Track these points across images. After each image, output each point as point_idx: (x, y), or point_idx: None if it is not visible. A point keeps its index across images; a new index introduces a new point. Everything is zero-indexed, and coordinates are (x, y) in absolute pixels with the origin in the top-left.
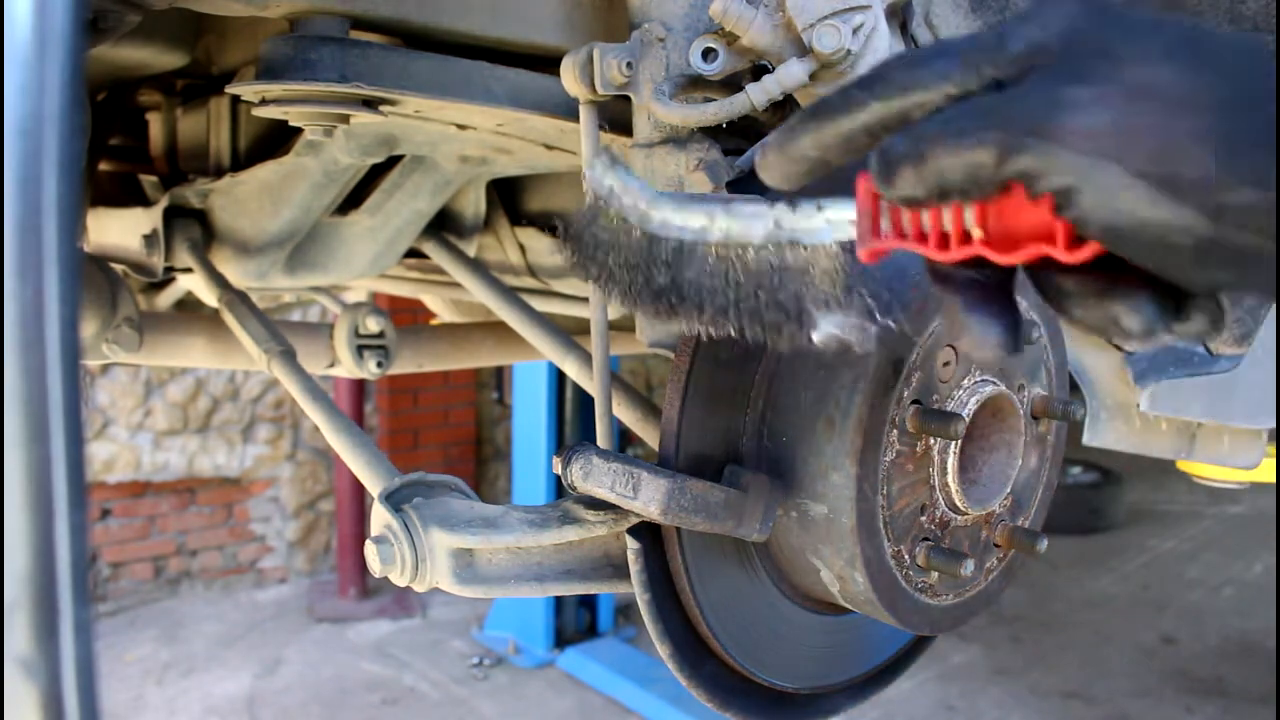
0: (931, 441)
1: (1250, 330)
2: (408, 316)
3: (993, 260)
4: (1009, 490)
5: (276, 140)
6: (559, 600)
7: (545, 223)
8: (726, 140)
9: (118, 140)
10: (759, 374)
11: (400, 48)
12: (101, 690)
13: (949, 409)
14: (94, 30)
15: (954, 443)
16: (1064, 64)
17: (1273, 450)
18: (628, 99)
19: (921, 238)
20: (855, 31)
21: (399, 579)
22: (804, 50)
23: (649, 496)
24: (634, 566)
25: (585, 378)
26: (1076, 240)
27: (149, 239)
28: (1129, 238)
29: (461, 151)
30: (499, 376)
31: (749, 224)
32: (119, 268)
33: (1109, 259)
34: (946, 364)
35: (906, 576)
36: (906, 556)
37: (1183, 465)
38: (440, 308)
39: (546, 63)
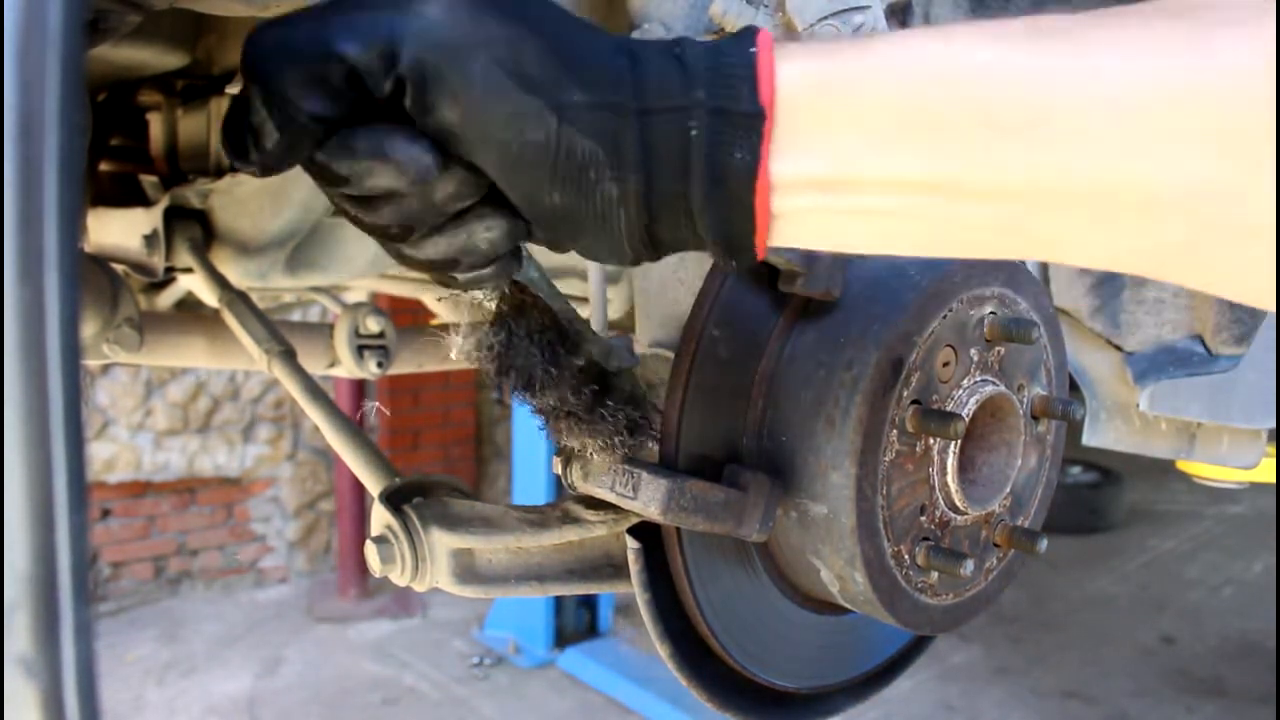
0: (931, 441)
1: (1249, 330)
2: (408, 316)
3: None
4: (1009, 490)
5: None
6: (559, 600)
7: None
8: None
9: (118, 140)
10: (759, 374)
11: None
12: (102, 690)
13: (949, 409)
14: (94, 31)
15: (954, 443)
16: None
17: (1272, 450)
18: None
19: None
20: (855, 31)
21: (399, 579)
22: None
23: (649, 496)
24: (634, 566)
25: None
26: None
27: (149, 239)
28: (491, 129)
29: None
30: None
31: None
32: (119, 268)
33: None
34: (946, 364)
35: (906, 576)
36: (906, 556)
37: (1183, 465)
38: (440, 308)
39: None
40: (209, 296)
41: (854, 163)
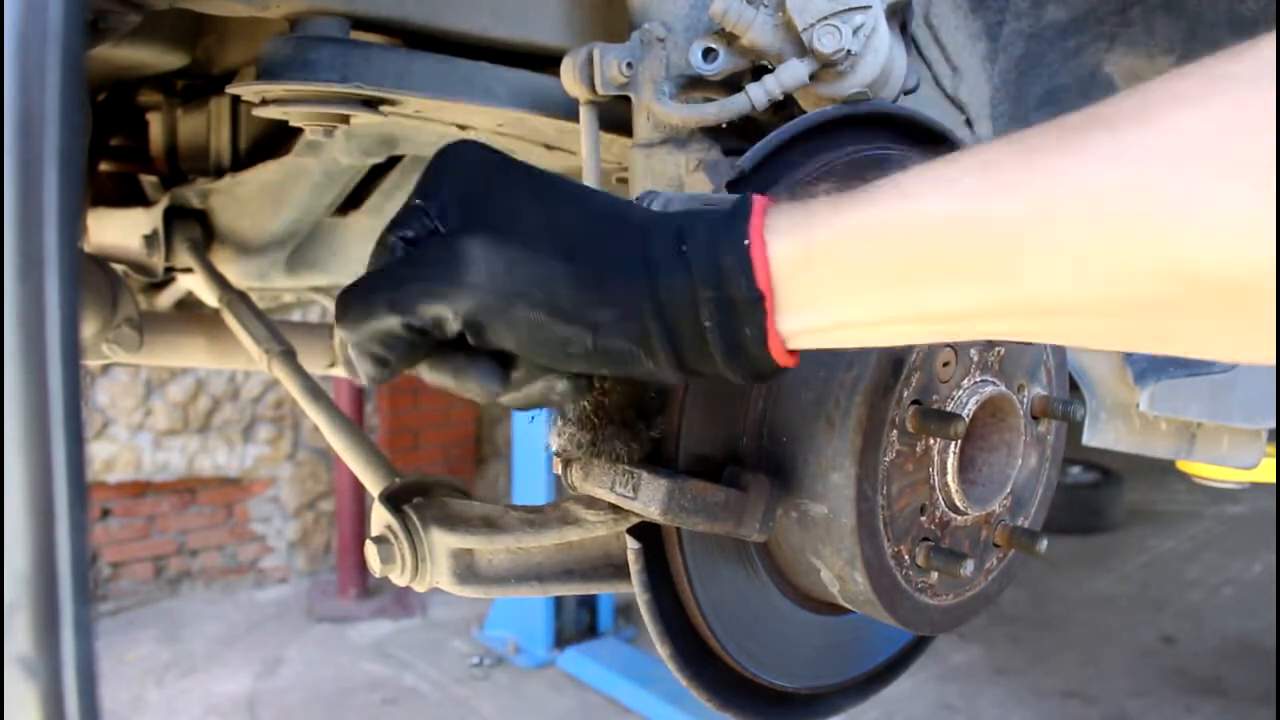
0: (931, 441)
1: None
2: None
3: None
4: (1009, 490)
5: (277, 140)
6: (559, 600)
7: None
8: (727, 140)
9: (118, 140)
10: None
11: (401, 48)
12: (102, 690)
13: (949, 409)
14: (94, 31)
15: (954, 443)
16: (463, 222)
17: (1272, 450)
18: (628, 99)
19: None
20: (855, 32)
21: (399, 579)
22: (804, 50)
23: (649, 497)
24: (634, 566)
25: None
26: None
27: (149, 239)
28: (542, 350)
29: None
30: None
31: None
32: (119, 268)
33: None
34: (946, 364)
35: (906, 576)
36: (906, 556)
37: (1183, 465)
38: None
39: (547, 63)
40: (209, 296)
41: (842, 314)
